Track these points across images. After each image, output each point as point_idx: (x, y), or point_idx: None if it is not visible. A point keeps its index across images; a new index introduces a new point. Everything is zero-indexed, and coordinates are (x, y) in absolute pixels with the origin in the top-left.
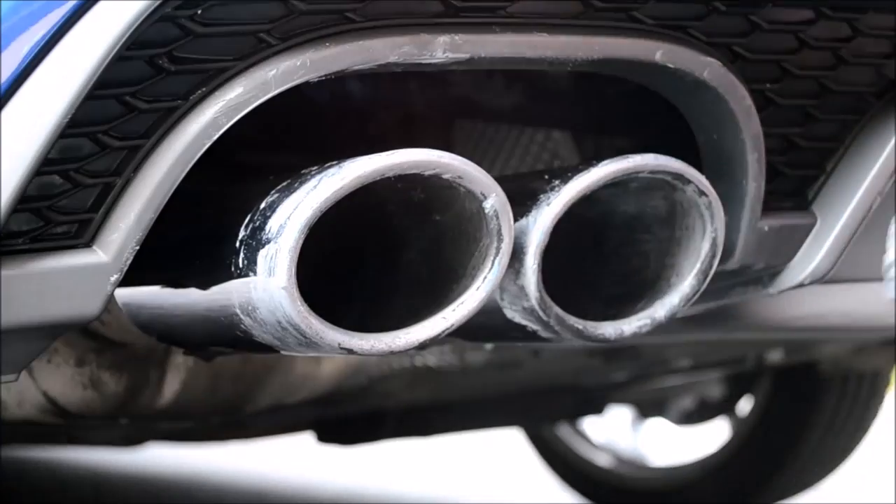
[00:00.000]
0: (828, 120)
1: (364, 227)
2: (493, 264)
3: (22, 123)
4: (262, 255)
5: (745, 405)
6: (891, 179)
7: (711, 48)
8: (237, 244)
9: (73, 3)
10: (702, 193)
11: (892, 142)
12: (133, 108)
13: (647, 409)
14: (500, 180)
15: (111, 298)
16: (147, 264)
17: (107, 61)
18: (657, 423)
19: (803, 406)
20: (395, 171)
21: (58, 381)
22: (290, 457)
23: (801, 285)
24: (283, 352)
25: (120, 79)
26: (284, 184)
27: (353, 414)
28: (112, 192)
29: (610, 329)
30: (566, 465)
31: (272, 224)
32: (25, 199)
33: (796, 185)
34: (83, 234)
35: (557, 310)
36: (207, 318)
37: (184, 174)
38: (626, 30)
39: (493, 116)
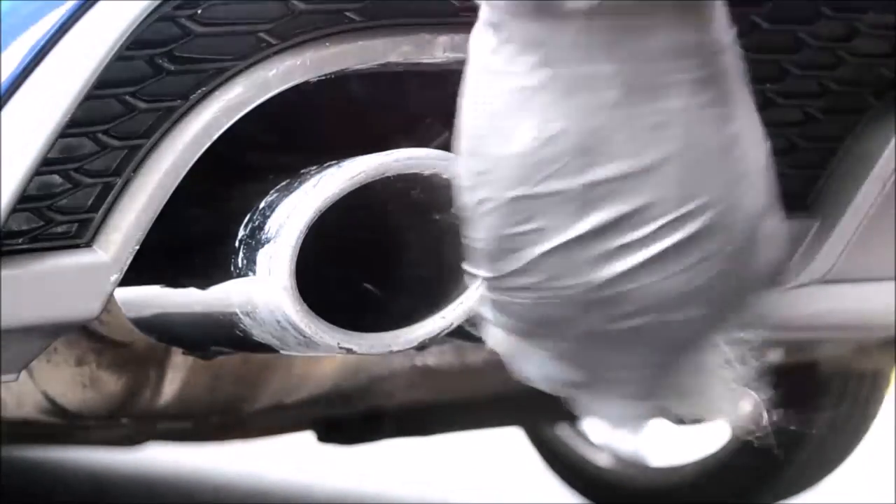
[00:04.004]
0: (828, 120)
1: (363, 227)
2: None
3: (22, 123)
4: (262, 255)
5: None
6: (891, 179)
7: None
8: (237, 244)
9: (73, 2)
10: None
11: (892, 142)
12: (133, 108)
13: None
14: None
15: (111, 298)
16: (147, 264)
17: (107, 61)
18: (657, 423)
19: (803, 406)
20: (394, 170)
21: (57, 380)
22: (290, 457)
23: (800, 285)
24: (282, 351)
25: (120, 78)
26: (284, 183)
27: (353, 414)
28: (112, 192)
29: None
30: (566, 465)
31: (272, 224)
32: (25, 199)
33: (796, 185)
34: (83, 233)
35: None
36: (207, 318)
37: (184, 173)
38: None
39: None
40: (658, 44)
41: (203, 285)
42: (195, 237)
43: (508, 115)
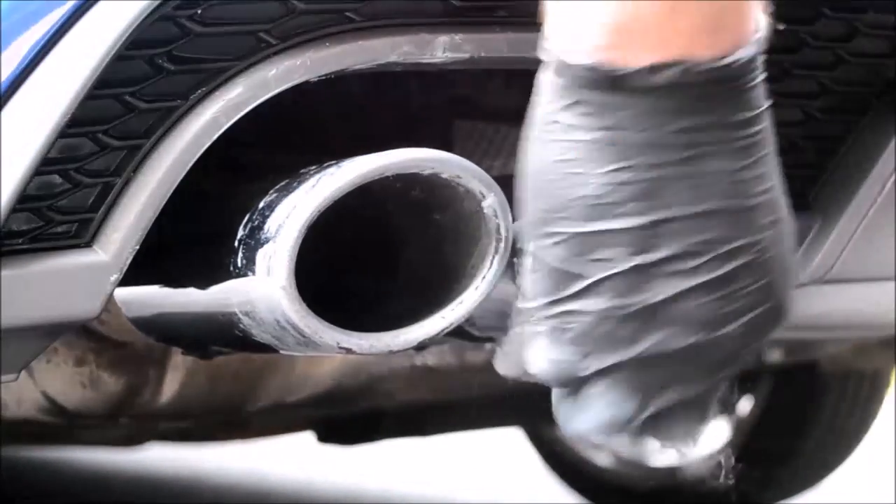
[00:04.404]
0: (828, 120)
1: (363, 227)
2: (491, 263)
3: (22, 123)
4: (261, 255)
5: (745, 405)
6: (891, 179)
7: None
8: (236, 244)
9: (73, 2)
10: None
11: (892, 142)
12: (133, 108)
13: None
14: (499, 180)
15: (111, 298)
16: (146, 263)
17: (107, 61)
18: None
19: (803, 406)
20: (393, 170)
21: (57, 380)
22: (290, 457)
23: (800, 285)
24: (282, 351)
25: (120, 78)
26: (283, 183)
27: (353, 414)
28: (112, 192)
29: None
30: (566, 464)
31: (271, 224)
32: (25, 199)
33: (796, 185)
34: (83, 233)
35: None
36: (206, 318)
37: (184, 173)
38: None
39: (493, 116)
40: (709, 119)
41: (202, 285)
42: (194, 237)
43: (580, 165)
